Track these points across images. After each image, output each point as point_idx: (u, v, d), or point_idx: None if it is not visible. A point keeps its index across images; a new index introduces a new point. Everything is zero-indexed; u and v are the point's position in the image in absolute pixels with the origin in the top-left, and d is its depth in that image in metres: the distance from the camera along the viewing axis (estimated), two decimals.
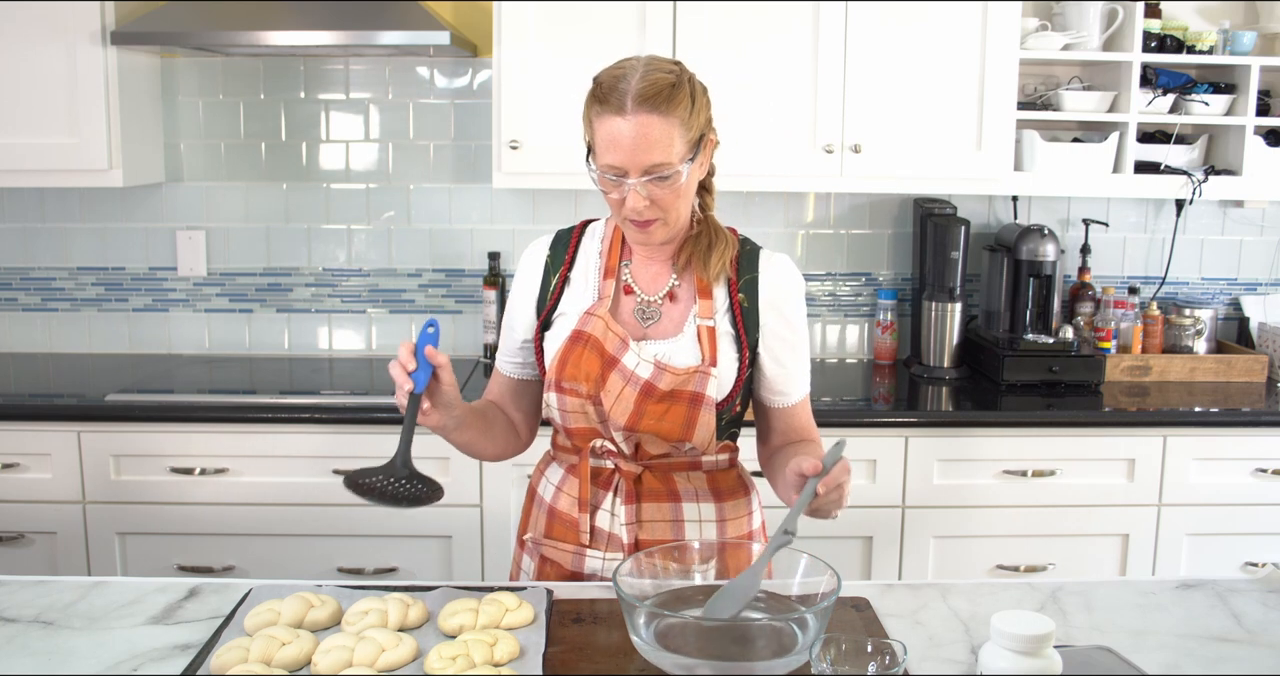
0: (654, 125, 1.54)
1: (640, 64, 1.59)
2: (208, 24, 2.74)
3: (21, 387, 2.94)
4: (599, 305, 1.69)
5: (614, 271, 1.72)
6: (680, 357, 1.66)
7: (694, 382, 1.64)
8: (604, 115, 1.56)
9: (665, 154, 1.56)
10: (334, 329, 3.30)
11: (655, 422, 1.64)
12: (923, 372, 3.10)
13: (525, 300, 1.76)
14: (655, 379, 1.64)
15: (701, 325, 1.68)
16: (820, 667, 1.22)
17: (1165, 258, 3.29)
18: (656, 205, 1.59)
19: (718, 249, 1.70)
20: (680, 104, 1.57)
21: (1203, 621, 1.53)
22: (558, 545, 1.74)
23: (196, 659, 1.37)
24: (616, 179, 1.58)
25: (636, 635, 1.37)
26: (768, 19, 2.80)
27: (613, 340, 1.66)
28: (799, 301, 1.74)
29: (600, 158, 1.58)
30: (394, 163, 3.22)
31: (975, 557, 2.76)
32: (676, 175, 1.58)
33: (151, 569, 2.70)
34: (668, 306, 1.71)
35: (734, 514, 1.76)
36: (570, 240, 1.77)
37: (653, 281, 1.72)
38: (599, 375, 1.65)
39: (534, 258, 1.77)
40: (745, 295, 1.71)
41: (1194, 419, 2.74)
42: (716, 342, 1.68)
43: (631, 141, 1.54)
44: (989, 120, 2.85)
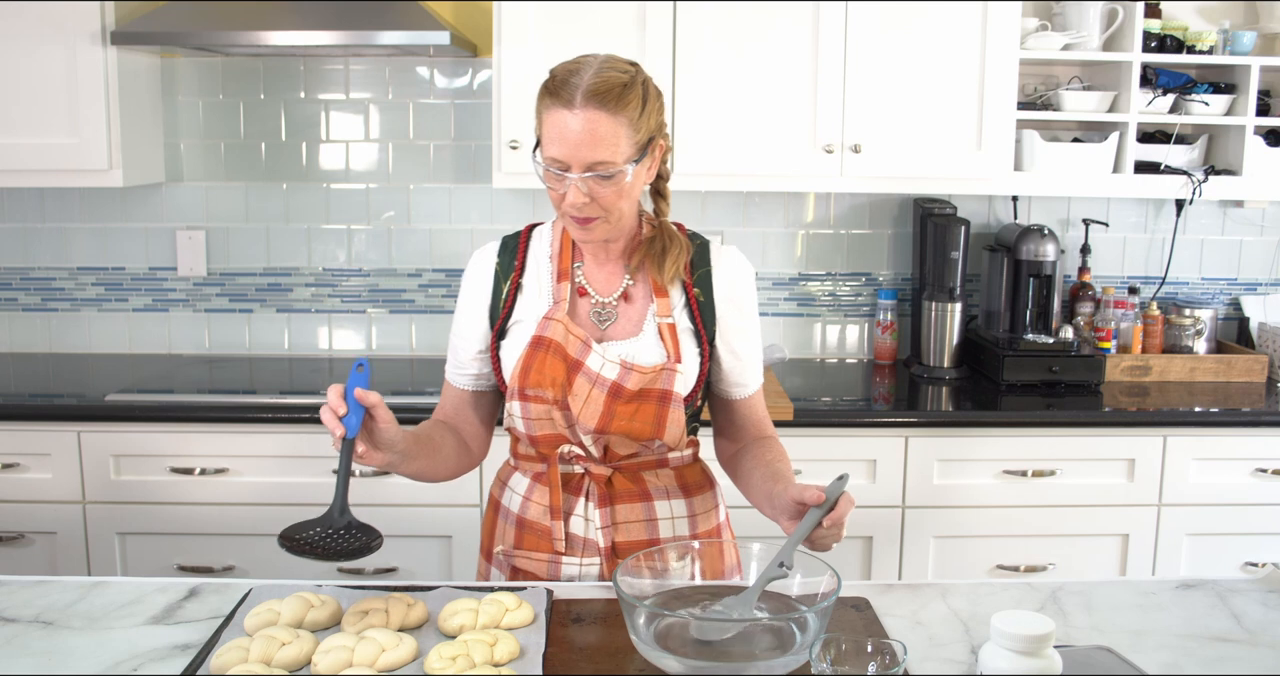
0: (601, 122, 1.53)
1: (596, 61, 1.58)
2: (208, 24, 2.74)
3: (21, 387, 2.94)
4: (556, 309, 1.68)
5: (567, 274, 1.71)
6: (645, 356, 1.66)
7: (661, 380, 1.64)
8: (553, 108, 1.55)
9: (610, 152, 1.54)
10: (334, 329, 3.31)
11: (626, 423, 1.64)
12: (923, 372, 3.10)
13: (476, 310, 1.74)
14: (623, 379, 1.63)
15: (662, 323, 1.68)
16: (820, 667, 1.22)
17: (1165, 258, 3.29)
18: (597, 203, 1.58)
19: (672, 253, 1.69)
20: (631, 104, 1.56)
21: (1203, 621, 1.53)
22: (531, 555, 1.72)
23: (196, 659, 1.37)
24: (559, 173, 1.56)
25: (636, 635, 1.37)
26: (768, 19, 2.80)
27: (574, 343, 1.65)
28: (751, 292, 1.75)
29: (545, 150, 1.57)
30: (394, 163, 3.22)
31: (975, 557, 2.76)
32: (620, 175, 1.56)
33: (151, 569, 2.71)
34: (623, 307, 1.70)
35: (703, 508, 1.76)
36: (518, 246, 1.75)
37: (606, 282, 1.71)
38: (564, 379, 1.63)
39: (482, 266, 1.75)
40: (700, 289, 1.71)
41: (1194, 419, 2.75)
42: (679, 339, 1.68)
43: (577, 137, 1.53)
44: (989, 120, 2.85)
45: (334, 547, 1.45)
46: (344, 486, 1.50)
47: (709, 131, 2.83)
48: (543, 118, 1.57)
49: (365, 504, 2.68)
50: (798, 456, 2.68)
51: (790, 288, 3.30)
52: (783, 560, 1.45)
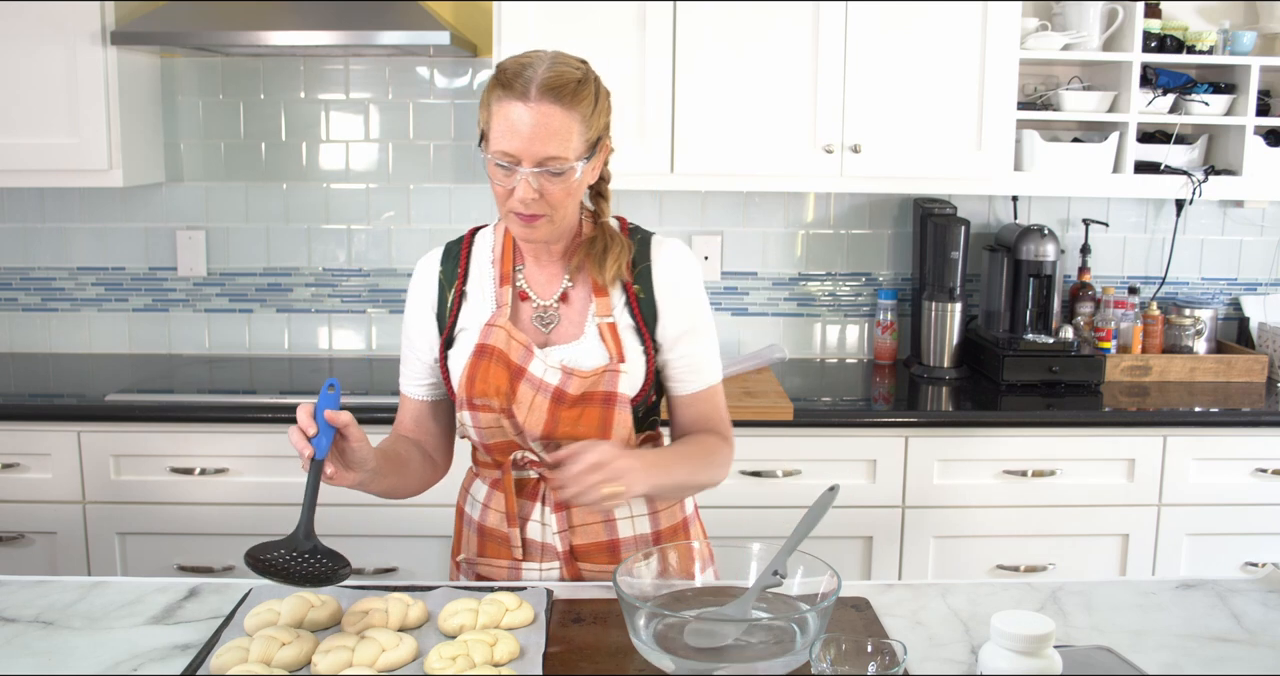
0: (555, 116, 1.51)
1: (548, 56, 1.56)
2: (208, 24, 2.74)
3: (21, 387, 2.94)
4: (498, 315, 1.66)
5: (508, 278, 1.69)
6: (587, 360, 1.64)
7: (604, 382, 1.62)
8: (505, 100, 1.52)
9: (562, 147, 1.52)
10: (334, 329, 3.31)
11: (571, 428, 1.62)
12: (923, 372, 3.10)
13: (424, 319, 1.72)
14: (565, 384, 1.61)
15: (602, 323, 1.65)
16: (820, 667, 1.22)
17: (1165, 258, 3.29)
18: (545, 200, 1.55)
19: (613, 252, 1.66)
20: (584, 100, 1.54)
21: (1203, 621, 1.53)
22: (492, 563, 1.72)
23: (196, 659, 1.37)
24: (509, 167, 1.53)
25: (636, 635, 1.37)
26: (768, 19, 2.80)
27: (517, 349, 1.63)
28: (694, 285, 1.71)
29: (495, 144, 1.53)
30: (394, 163, 3.22)
31: (975, 557, 2.75)
32: (570, 171, 1.54)
33: (151, 569, 2.71)
34: (564, 309, 1.67)
35: (664, 503, 1.74)
36: (460, 252, 1.73)
37: (547, 285, 1.69)
38: (508, 388, 1.62)
39: (426, 275, 1.74)
40: (640, 286, 1.67)
41: (1194, 419, 2.74)
42: (620, 339, 1.65)
43: (530, 130, 1.50)
44: (989, 120, 2.85)
45: (299, 571, 1.43)
46: (310, 509, 1.47)
47: (709, 131, 2.83)
48: (493, 110, 1.54)
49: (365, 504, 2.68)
50: (798, 456, 2.70)
51: (790, 288, 3.30)
52: (776, 568, 1.45)
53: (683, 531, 1.76)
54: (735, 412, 2.63)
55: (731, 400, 2.69)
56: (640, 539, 1.70)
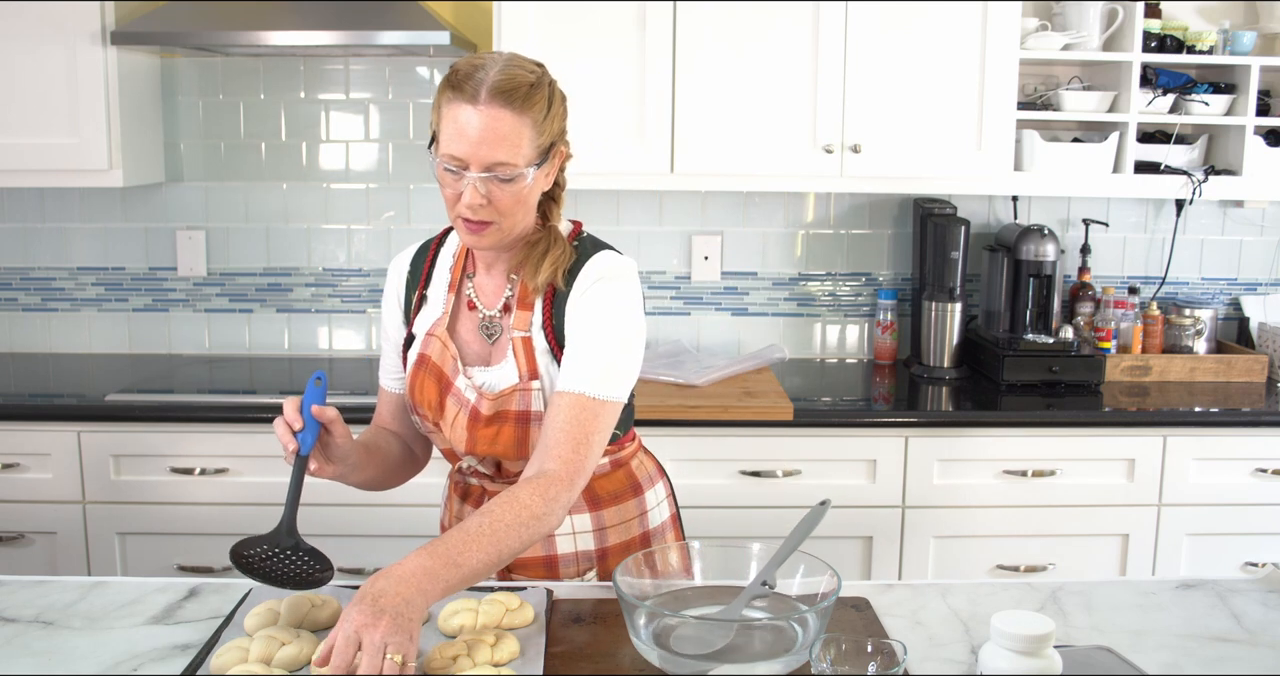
0: (505, 120, 1.46)
1: (502, 58, 1.52)
2: (208, 24, 2.74)
3: (21, 387, 2.94)
4: (438, 323, 1.64)
5: (455, 285, 1.66)
6: (500, 380, 1.60)
7: (516, 401, 1.58)
8: (455, 102, 1.48)
9: (512, 153, 1.47)
10: (334, 329, 3.31)
11: (489, 446, 1.60)
12: (923, 372, 3.10)
13: (392, 317, 1.72)
14: (478, 403, 1.59)
15: (517, 338, 1.60)
16: (820, 667, 1.22)
17: (1165, 258, 3.29)
18: (494, 206, 1.50)
19: (551, 255, 1.58)
20: (536, 105, 1.49)
21: (1203, 621, 1.53)
22: None
23: (196, 659, 1.37)
24: (456, 171, 1.48)
25: (636, 635, 1.37)
26: (768, 19, 2.80)
27: (449, 361, 1.62)
28: (606, 290, 1.57)
29: (443, 147, 1.49)
30: (394, 163, 3.22)
31: (975, 557, 2.75)
32: (520, 178, 1.49)
33: (151, 569, 2.70)
34: (505, 320, 1.63)
35: (618, 519, 1.70)
36: (428, 253, 1.71)
37: (493, 294, 1.64)
38: (437, 402, 1.62)
39: (397, 273, 1.73)
40: (556, 309, 1.59)
41: (1194, 419, 2.74)
42: (534, 354, 1.59)
43: (478, 133, 1.46)
44: (989, 120, 2.85)
45: (279, 572, 1.42)
46: (293, 504, 1.47)
47: (709, 131, 2.83)
48: (442, 112, 1.50)
49: (365, 503, 2.68)
50: (798, 456, 2.70)
51: (790, 288, 3.30)
52: (765, 579, 1.46)
53: (639, 545, 1.72)
54: (735, 412, 2.67)
55: (731, 400, 2.71)
56: (582, 555, 1.68)
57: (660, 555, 1.54)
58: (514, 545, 1.41)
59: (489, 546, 1.38)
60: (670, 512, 1.81)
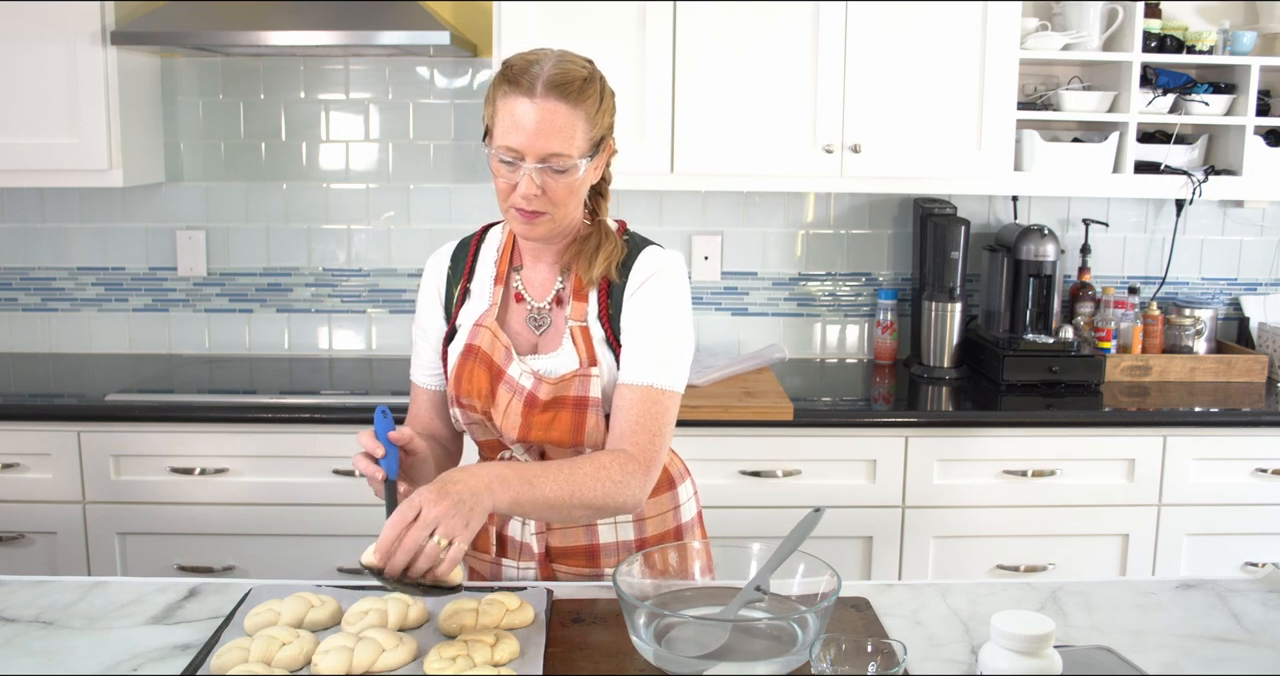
0: (560, 113, 1.52)
1: (554, 53, 1.57)
2: (208, 24, 2.74)
3: (21, 387, 2.94)
4: (487, 314, 1.67)
5: (503, 278, 1.70)
6: (559, 366, 1.64)
7: (575, 387, 1.62)
8: (511, 95, 1.53)
9: (566, 144, 1.53)
10: (334, 329, 3.31)
11: (544, 432, 1.62)
12: (923, 372, 3.10)
13: (433, 312, 1.73)
14: (535, 389, 1.62)
15: (574, 327, 1.65)
16: (820, 667, 1.22)
17: (1165, 258, 3.29)
18: (547, 197, 1.55)
19: (604, 250, 1.65)
20: (590, 98, 1.55)
21: (1203, 621, 1.53)
22: (478, 555, 1.74)
23: (196, 659, 1.37)
24: (512, 162, 1.54)
25: (636, 635, 1.37)
26: (768, 19, 2.80)
27: (500, 351, 1.64)
28: (661, 285, 1.63)
29: (499, 139, 1.54)
30: (394, 163, 3.22)
31: (975, 557, 2.75)
32: (573, 169, 1.55)
33: (151, 569, 2.70)
34: (556, 312, 1.68)
35: (655, 511, 1.74)
36: (469, 249, 1.74)
37: (542, 287, 1.69)
38: (488, 390, 1.63)
39: (436, 268, 1.75)
40: (612, 301, 1.65)
41: (1194, 419, 2.74)
42: (592, 343, 1.64)
43: (535, 125, 1.51)
44: (989, 120, 2.85)
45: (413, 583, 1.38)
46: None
47: (709, 131, 2.83)
48: (498, 105, 1.55)
49: (366, 504, 2.68)
50: (798, 456, 2.70)
51: (790, 288, 3.30)
52: (759, 585, 1.46)
53: (673, 538, 1.75)
54: (735, 412, 2.67)
55: (731, 400, 2.70)
56: (623, 545, 1.71)
57: (660, 555, 1.54)
58: (587, 493, 1.48)
59: (564, 482, 1.46)
60: (697, 509, 1.84)
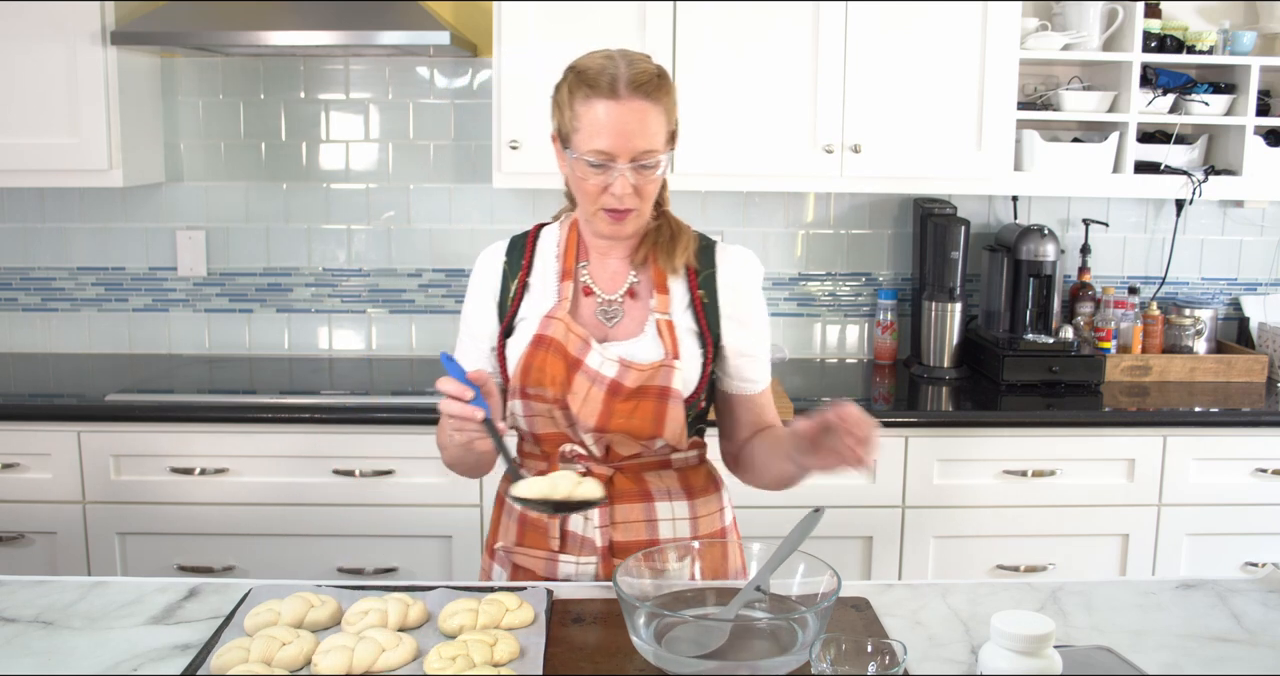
0: (645, 111, 1.56)
1: (618, 53, 1.60)
2: (208, 24, 2.74)
3: (21, 387, 2.94)
4: (558, 307, 1.68)
5: (571, 273, 1.71)
6: (644, 354, 1.66)
7: (659, 377, 1.64)
8: (594, 99, 1.55)
9: (654, 141, 1.57)
10: (334, 329, 3.31)
11: (625, 421, 1.64)
12: (923, 372, 3.10)
13: (485, 307, 1.74)
14: (621, 376, 1.64)
15: (660, 320, 1.68)
16: (820, 667, 1.22)
17: (1165, 258, 3.29)
18: (638, 193, 1.59)
19: (681, 241, 1.69)
20: (667, 92, 1.59)
21: (1203, 621, 1.53)
22: (530, 552, 1.72)
23: (196, 659, 1.37)
24: (603, 165, 1.57)
25: (636, 635, 1.37)
26: (768, 19, 2.80)
27: (574, 342, 1.65)
28: (758, 290, 1.75)
29: (586, 143, 1.56)
30: (394, 163, 3.22)
31: (975, 557, 2.76)
32: (660, 163, 1.59)
33: (151, 569, 2.70)
34: (629, 304, 1.70)
35: (706, 510, 1.76)
36: (526, 245, 1.75)
37: (611, 280, 1.71)
38: (564, 378, 1.64)
39: (490, 264, 1.76)
40: (705, 291, 1.70)
41: (1194, 419, 2.74)
42: (677, 336, 1.67)
43: (624, 126, 1.54)
44: (989, 120, 2.85)
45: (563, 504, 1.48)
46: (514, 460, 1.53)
47: (709, 131, 2.83)
48: (578, 111, 1.57)
49: (366, 504, 2.68)
50: None
51: (790, 288, 3.30)
52: (759, 585, 1.46)
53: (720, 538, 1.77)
54: None
55: None
56: (680, 541, 1.71)
57: (660, 555, 1.54)
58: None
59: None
60: (733, 513, 1.85)
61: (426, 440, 2.66)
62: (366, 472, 2.67)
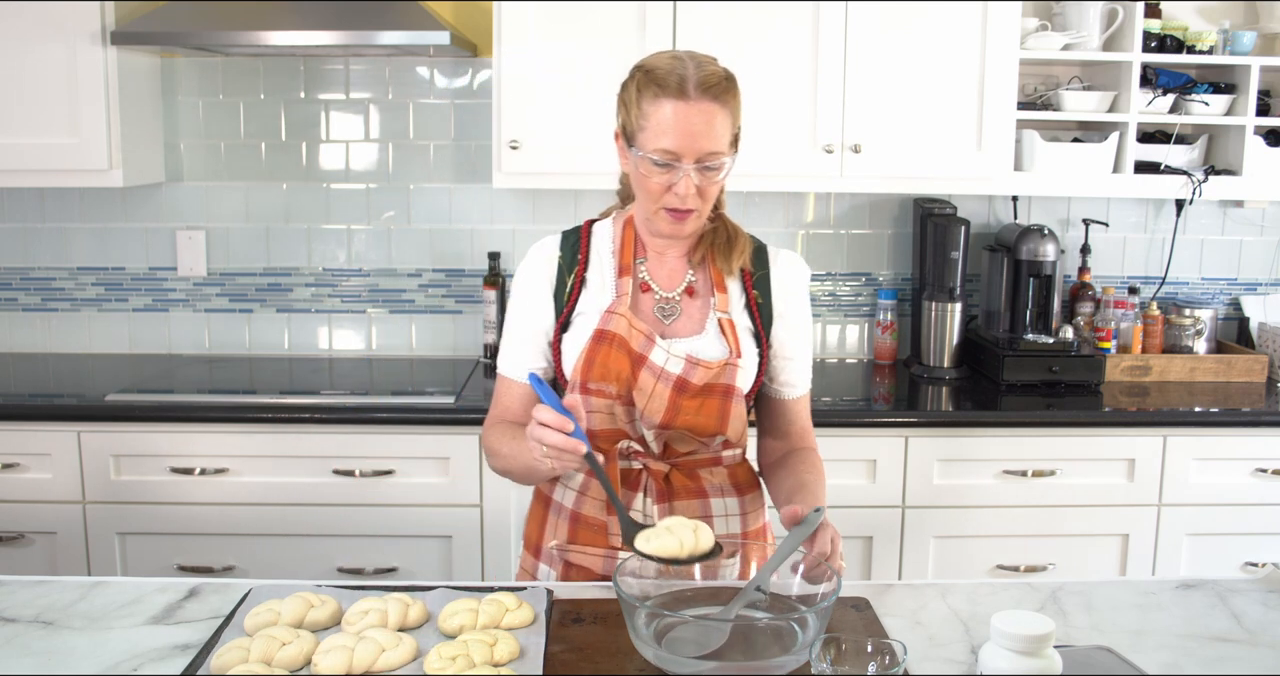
0: (715, 113, 1.57)
1: (686, 54, 1.61)
2: (208, 24, 2.74)
3: (21, 387, 2.94)
4: (619, 303, 1.68)
5: (629, 269, 1.71)
6: (709, 352, 1.67)
7: (725, 375, 1.66)
8: (662, 99, 1.56)
9: (719, 142, 1.58)
10: (334, 329, 3.30)
11: (692, 418, 1.65)
12: (923, 372, 3.10)
13: (542, 301, 1.72)
14: (688, 374, 1.64)
15: (721, 318, 1.70)
16: (820, 667, 1.22)
17: (1165, 258, 3.29)
18: (700, 194, 1.60)
19: (738, 244, 1.72)
20: (734, 95, 1.61)
21: (1203, 621, 1.53)
22: (586, 550, 1.71)
23: (196, 659, 1.37)
24: (668, 165, 1.57)
25: (636, 635, 1.37)
26: (768, 19, 2.80)
27: (637, 338, 1.66)
28: (807, 295, 1.79)
29: (652, 142, 1.57)
30: (394, 163, 3.22)
31: (975, 557, 2.76)
32: (723, 165, 1.60)
33: (151, 569, 2.70)
34: (686, 302, 1.71)
35: (752, 507, 1.78)
36: (580, 240, 1.75)
37: (669, 278, 1.73)
38: (629, 374, 1.64)
39: (544, 258, 1.74)
40: (759, 291, 1.73)
41: (1194, 419, 2.74)
42: (738, 334, 1.69)
43: (692, 127, 1.55)
44: (989, 120, 2.85)
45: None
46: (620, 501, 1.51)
47: None
48: (645, 109, 1.58)
49: (366, 504, 2.68)
50: None
51: None
52: (759, 585, 1.46)
53: (760, 535, 1.79)
54: None
55: None
56: (730, 538, 1.72)
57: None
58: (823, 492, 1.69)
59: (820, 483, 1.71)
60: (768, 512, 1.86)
61: (426, 440, 2.67)
62: (366, 472, 2.67)
